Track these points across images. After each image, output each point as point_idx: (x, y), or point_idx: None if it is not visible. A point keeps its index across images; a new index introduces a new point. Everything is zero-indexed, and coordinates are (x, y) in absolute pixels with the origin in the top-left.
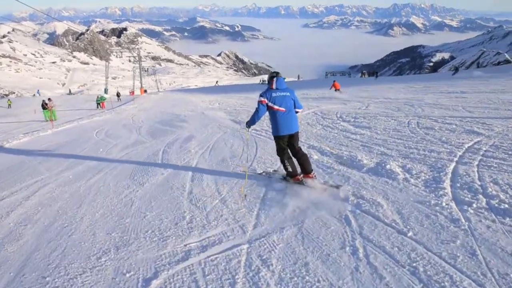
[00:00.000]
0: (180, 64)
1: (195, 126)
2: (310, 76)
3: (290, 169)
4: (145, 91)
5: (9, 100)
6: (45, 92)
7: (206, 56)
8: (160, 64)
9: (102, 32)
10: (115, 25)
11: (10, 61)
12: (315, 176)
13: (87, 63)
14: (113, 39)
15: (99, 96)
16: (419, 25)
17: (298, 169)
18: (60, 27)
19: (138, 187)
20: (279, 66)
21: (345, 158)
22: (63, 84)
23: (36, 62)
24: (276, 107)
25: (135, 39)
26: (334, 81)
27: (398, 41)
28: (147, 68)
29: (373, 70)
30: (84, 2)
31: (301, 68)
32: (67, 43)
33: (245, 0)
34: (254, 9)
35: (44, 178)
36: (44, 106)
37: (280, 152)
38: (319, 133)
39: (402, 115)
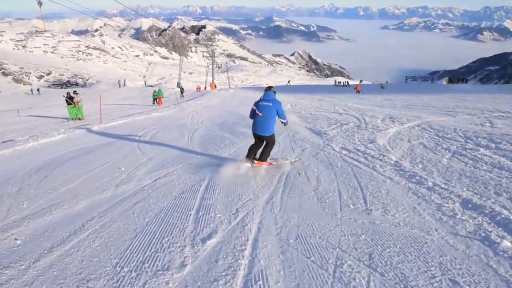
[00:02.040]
0: (254, 62)
1: None
2: (385, 80)
3: (247, 152)
4: (215, 86)
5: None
6: (127, 83)
7: (279, 55)
8: (234, 62)
9: (182, 29)
10: (195, 23)
11: (100, 53)
12: (257, 163)
13: (166, 58)
14: (192, 36)
15: (156, 91)
16: None
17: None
18: (145, 23)
19: None
20: (352, 68)
21: None
22: (144, 77)
23: (122, 55)
24: (257, 112)
25: (213, 37)
26: (356, 85)
27: (487, 47)
28: (220, 65)
29: (462, 77)
30: (168, 0)
31: (376, 71)
32: (150, 38)
33: (323, 0)
34: (332, 9)
35: None
36: (68, 101)
37: (253, 144)
38: (458, 169)
39: None
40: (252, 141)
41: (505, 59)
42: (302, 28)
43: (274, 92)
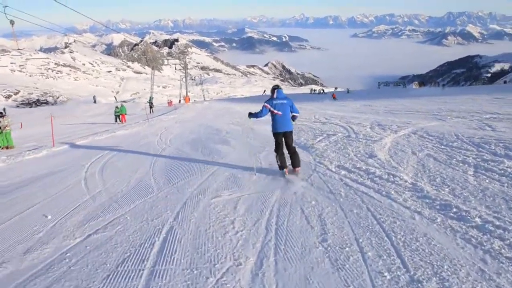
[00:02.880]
0: (228, 74)
1: (241, 153)
2: (358, 87)
3: (279, 163)
4: (189, 99)
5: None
6: (100, 99)
7: (253, 66)
8: (208, 74)
9: (155, 43)
10: (167, 36)
11: (70, 70)
12: (298, 170)
13: (140, 73)
14: (165, 50)
15: (118, 107)
16: (476, 34)
17: (288, 163)
18: (116, 39)
19: None
20: (326, 76)
21: None
22: (117, 92)
23: (93, 71)
24: (275, 111)
25: (186, 50)
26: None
27: (453, 51)
28: (194, 77)
29: (434, 80)
30: (140, 15)
31: (348, 78)
32: (122, 54)
33: (293, 11)
34: (302, 19)
35: None
36: None
37: (276, 148)
38: (497, 192)
39: None
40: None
41: (469, 62)
42: (274, 38)
43: (282, 90)
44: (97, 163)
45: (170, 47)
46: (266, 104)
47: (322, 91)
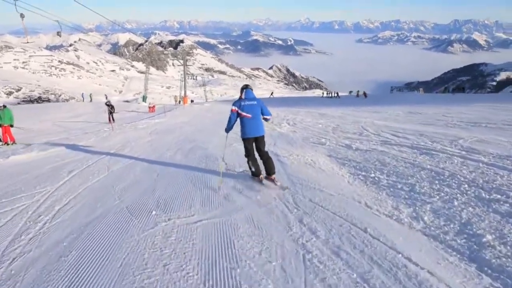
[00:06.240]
0: (232, 76)
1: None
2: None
3: (253, 169)
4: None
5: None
6: (99, 98)
7: (257, 69)
8: (212, 76)
9: (160, 43)
10: (172, 37)
11: (74, 68)
12: (274, 179)
13: (143, 72)
14: (170, 50)
15: None
16: (482, 42)
17: (263, 171)
18: (122, 38)
19: None
20: (330, 80)
21: None
22: (120, 92)
23: (97, 70)
24: (244, 113)
25: (191, 51)
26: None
27: (458, 59)
28: (196, 76)
29: (462, 86)
30: (146, 16)
31: (353, 83)
32: (127, 53)
33: (299, 15)
34: (308, 23)
35: None
36: None
37: (247, 153)
38: None
39: None
40: None
41: (475, 70)
42: (280, 42)
43: (252, 90)
44: None
45: (175, 48)
46: (233, 108)
47: (336, 95)
